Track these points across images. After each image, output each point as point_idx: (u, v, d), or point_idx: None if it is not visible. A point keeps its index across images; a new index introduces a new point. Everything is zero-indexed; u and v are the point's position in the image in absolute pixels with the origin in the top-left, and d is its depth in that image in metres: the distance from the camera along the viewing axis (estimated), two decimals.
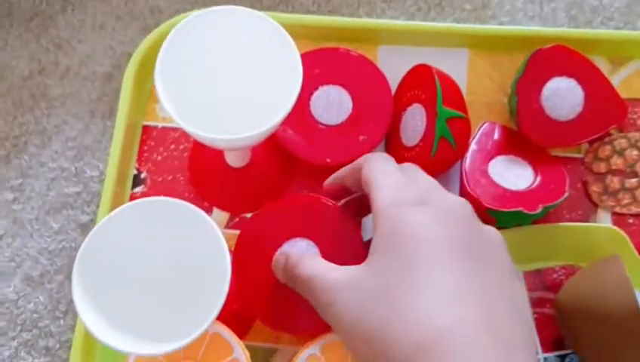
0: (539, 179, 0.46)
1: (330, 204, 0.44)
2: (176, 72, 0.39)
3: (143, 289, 0.40)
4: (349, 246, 0.43)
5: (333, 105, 0.48)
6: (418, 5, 0.54)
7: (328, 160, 0.47)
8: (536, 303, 0.45)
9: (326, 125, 0.48)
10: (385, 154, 0.40)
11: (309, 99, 0.48)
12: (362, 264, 0.35)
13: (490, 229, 0.36)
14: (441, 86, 0.44)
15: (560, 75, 0.47)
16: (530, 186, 0.46)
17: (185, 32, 0.39)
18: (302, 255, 0.39)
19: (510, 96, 0.48)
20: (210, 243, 0.37)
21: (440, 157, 0.44)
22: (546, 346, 0.44)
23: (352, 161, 0.46)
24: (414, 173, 0.38)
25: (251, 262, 0.43)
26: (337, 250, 0.43)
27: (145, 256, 0.40)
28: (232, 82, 0.41)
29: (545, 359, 0.44)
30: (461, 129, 0.45)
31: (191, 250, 0.39)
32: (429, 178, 0.38)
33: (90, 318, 0.35)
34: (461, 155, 0.46)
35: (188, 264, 0.40)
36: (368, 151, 0.47)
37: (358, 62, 0.49)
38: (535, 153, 0.47)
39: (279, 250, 0.42)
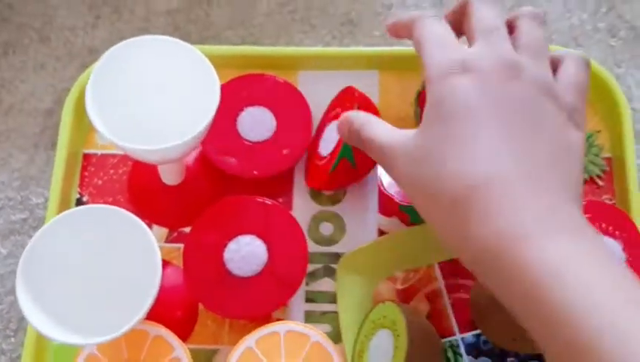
0: None
1: (270, 202, 0.48)
2: (107, 93, 0.42)
3: (82, 290, 0.42)
4: (292, 239, 0.48)
5: (258, 123, 0.52)
6: (333, 34, 0.59)
7: (255, 172, 0.50)
8: (451, 289, 0.49)
9: (252, 142, 0.52)
10: (434, 14, 0.42)
11: (235, 120, 0.52)
12: (416, 130, 0.39)
13: (535, 76, 0.38)
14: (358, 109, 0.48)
15: None
16: None
17: (114, 58, 0.42)
18: (364, 119, 0.43)
19: (414, 107, 0.52)
20: (143, 247, 0.40)
21: (337, 173, 0.48)
22: (463, 327, 0.48)
23: (278, 171, 0.50)
24: (475, 21, 0.40)
25: (201, 258, 0.47)
26: (282, 244, 0.47)
27: (85, 260, 0.42)
28: (159, 103, 0.45)
29: (462, 339, 0.48)
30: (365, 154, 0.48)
31: (127, 254, 0.42)
32: (485, 21, 0.40)
33: (31, 312, 0.38)
34: (363, 174, 0.50)
35: (123, 266, 0.42)
36: (291, 163, 0.51)
37: (279, 85, 0.53)
38: None
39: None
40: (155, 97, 0.45)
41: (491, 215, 0.35)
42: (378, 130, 0.41)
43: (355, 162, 0.48)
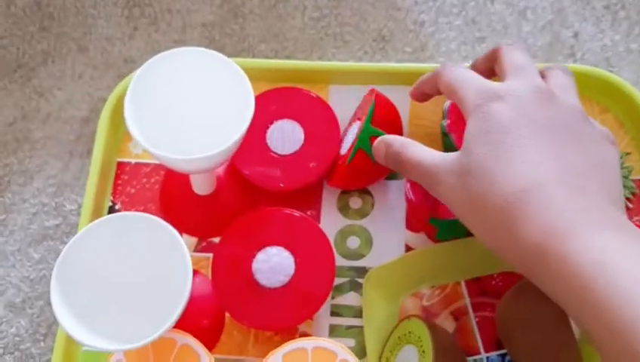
0: None
1: (298, 215, 0.48)
2: (144, 102, 0.42)
3: (113, 296, 0.42)
4: (320, 252, 0.48)
5: (286, 137, 0.52)
6: (364, 50, 0.59)
7: (281, 185, 0.51)
8: (477, 307, 0.48)
9: (280, 155, 0.52)
10: (457, 64, 0.46)
11: (265, 132, 0.52)
12: (459, 151, 0.42)
13: (568, 103, 0.42)
14: (375, 107, 0.49)
15: None
16: None
17: (153, 67, 0.43)
18: (403, 142, 0.45)
19: (442, 121, 0.52)
20: (175, 256, 0.40)
21: (355, 166, 0.49)
22: (488, 346, 0.47)
23: (304, 185, 0.50)
24: (506, 62, 0.44)
25: (229, 268, 0.47)
26: (309, 257, 0.47)
27: (117, 266, 0.42)
28: (194, 114, 0.45)
29: (487, 358, 0.47)
30: None
31: (158, 261, 0.42)
32: (517, 63, 0.44)
33: (64, 316, 0.38)
34: (383, 172, 0.50)
35: (155, 274, 0.42)
36: (318, 177, 0.51)
37: (309, 99, 0.53)
38: None
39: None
40: (191, 108, 0.45)
41: (537, 216, 0.37)
42: (419, 151, 0.44)
43: (373, 154, 0.49)
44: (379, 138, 0.47)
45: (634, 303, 0.32)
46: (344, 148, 0.51)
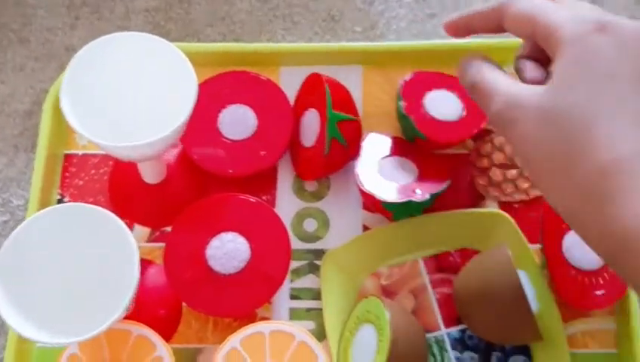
0: (423, 173, 0.49)
1: (252, 200, 0.47)
2: (84, 91, 0.41)
3: (62, 290, 0.41)
4: (275, 235, 0.47)
5: (238, 122, 0.51)
6: (314, 30, 0.58)
7: (230, 171, 0.49)
8: (436, 284, 0.48)
9: (231, 140, 0.51)
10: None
11: (217, 117, 0.51)
12: (546, 86, 0.34)
13: None
14: (331, 92, 0.48)
15: (437, 88, 0.52)
16: (416, 180, 0.49)
17: (90, 55, 0.41)
18: (479, 66, 0.38)
19: (397, 101, 0.51)
20: (122, 247, 0.39)
21: (332, 155, 0.48)
22: (448, 322, 0.47)
23: (257, 170, 0.49)
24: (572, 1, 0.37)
25: (183, 256, 0.46)
26: (264, 241, 0.46)
27: (64, 259, 0.41)
28: (137, 101, 0.44)
29: (447, 333, 0.47)
30: (351, 130, 0.48)
31: (105, 252, 0.40)
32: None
33: (9, 314, 0.37)
34: (353, 154, 0.49)
35: (103, 265, 0.41)
36: (271, 162, 0.50)
37: (262, 83, 0.52)
38: (418, 154, 0.51)
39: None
40: (133, 95, 0.44)
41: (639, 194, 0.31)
42: (496, 77, 0.36)
43: (344, 139, 0.48)
44: (460, 62, 0.39)
45: None
46: (307, 140, 0.50)
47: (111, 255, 0.40)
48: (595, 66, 0.33)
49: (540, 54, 0.37)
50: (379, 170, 0.49)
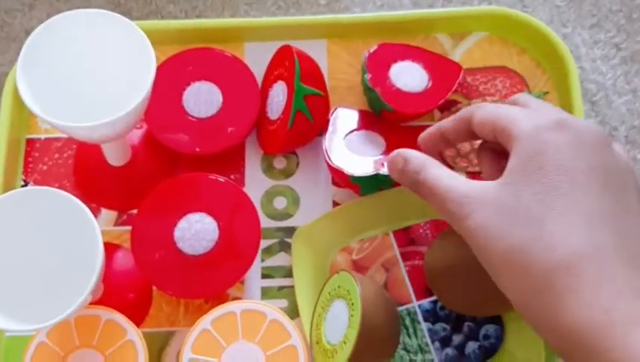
0: (391, 146, 0.49)
1: (220, 179, 0.46)
2: (41, 71, 0.40)
3: (27, 276, 0.40)
4: (243, 214, 0.46)
5: (203, 99, 0.50)
6: (278, 4, 0.57)
7: (197, 149, 0.49)
8: (407, 257, 0.48)
9: (197, 118, 0.49)
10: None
11: (181, 95, 0.50)
12: (498, 181, 0.35)
13: (622, 155, 0.36)
14: (300, 65, 0.47)
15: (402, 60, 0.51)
16: (384, 153, 0.48)
17: (46, 33, 0.40)
18: (423, 160, 0.39)
19: (362, 74, 0.50)
20: (85, 231, 0.38)
21: (297, 129, 0.47)
22: (419, 294, 0.47)
23: (224, 148, 0.49)
24: (538, 104, 0.38)
25: (150, 239, 0.45)
26: (233, 220, 0.45)
27: (27, 245, 0.40)
28: (96, 80, 0.42)
29: (419, 306, 0.47)
30: (318, 105, 0.47)
31: (68, 237, 0.40)
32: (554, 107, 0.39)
33: None
34: (318, 129, 0.48)
35: (67, 250, 0.40)
36: (238, 140, 0.49)
37: (227, 60, 0.51)
38: (386, 127, 0.50)
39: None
40: (92, 75, 0.42)
41: (589, 294, 0.31)
42: (443, 176, 0.37)
43: (310, 113, 0.47)
44: (396, 151, 0.40)
45: None
46: (273, 113, 0.49)
47: (75, 239, 0.39)
48: (549, 163, 0.34)
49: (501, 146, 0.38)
50: (346, 144, 0.49)
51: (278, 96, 0.49)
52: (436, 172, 0.38)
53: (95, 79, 0.42)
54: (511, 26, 0.53)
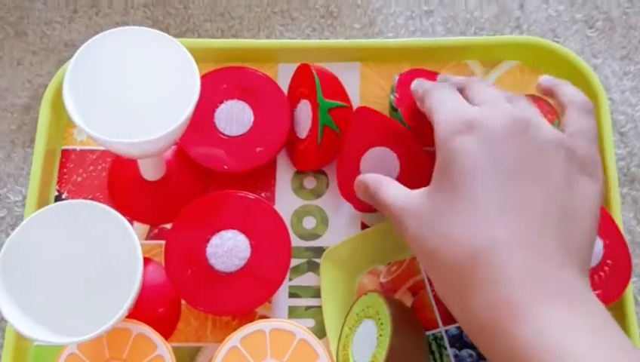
0: (404, 169, 0.48)
1: (252, 197, 0.46)
2: (85, 86, 0.40)
3: (63, 289, 0.40)
4: (275, 233, 0.45)
5: (235, 118, 0.50)
6: (313, 27, 0.57)
7: (225, 166, 0.48)
8: None
9: (228, 136, 0.49)
10: (446, 84, 0.42)
11: (213, 112, 0.50)
12: (424, 190, 0.38)
13: (544, 133, 0.37)
14: (320, 80, 0.47)
15: None
16: (397, 177, 0.47)
17: (93, 49, 0.40)
18: (378, 181, 0.42)
19: (390, 97, 0.50)
20: (125, 244, 0.38)
21: (326, 143, 0.47)
22: (446, 319, 0.46)
23: (252, 167, 0.48)
24: (477, 91, 0.40)
25: (183, 254, 0.45)
26: (265, 239, 0.45)
27: (65, 257, 0.40)
28: (138, 96, 0.42)
29: (446, 331, 0.46)
30: (344, 117, 0.48)
31: (107, 250, 0.39)
32: (488, 94, 0.40)
33: (10, 312, 0.36)
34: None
35: (105, 263, 0.40)
36: (267, 159, 0.49)
37: (260, 79, 0.51)
38: (405, 148, 0.48)
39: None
40: (135, 90, 0.42)
41: (487, 286, 0.34)
42: (391, 192, 0.40)
43: (337, 126, 0.47)
44: (358, 177, 0.44)
45: None
46: (301, 132, 0.49)
47: (114, 254, 0.39)
48: (456, 168, 0.36)
49: None
50: (361, 165, 0.48)
51: (303, 115, 0.49)
52: (387, 190, 0.41)
53: (138, 95, 0.42)
54: (542, 55, 0.53)
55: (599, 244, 0.46)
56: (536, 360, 0.32)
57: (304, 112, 0.49)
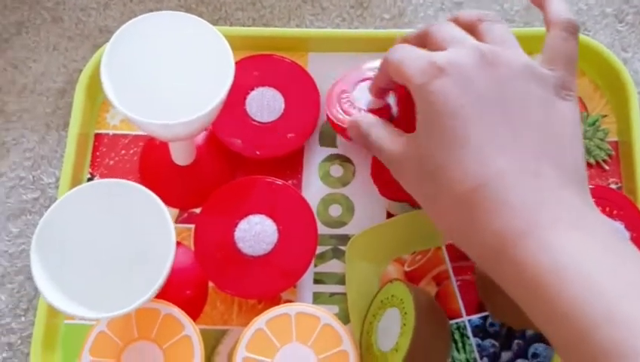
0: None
1: (280, 183, 0.47)
2: (121, 68, 0.40)
3: (95, 266, 0.40)
4: (302, 220, 0.46)
5: (266, 104, 0.50)
6: (343, 17, 0.57)
7: (257, 152, 0.49)
8: (458, 271, 0.47)
9: (258, 122, 0.50)
10: (404, 44, 0.42)
11: (245, 99, 0.50)
12: (411, 135, 0.39)
13: (512, 59, 0.38)
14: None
15: None
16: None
17: (131, 32, 0.41)
18: (369, 123, 0.43)
19: None
20: (159, 223, 0.39)
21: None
22: (470, 309, 0.46)
23: (283, 153, 0.49)
24: (438, 35, 0.40)
25: (212, 237, 0.45)
26: (292, 224, 0.46)
27: (99, 235, 0.41)
28: (173, 79, 0.43)
29: (469, 321, 0.46)
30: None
31: (140, 230, 0.40)
32: (450, 34, 0.40)
33: (46, 287, 0.36)
34: None
35: (137, 243, 0.41)
36: (297, 145, 0.50)
37: (291, 67, 0.52)
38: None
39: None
40: (170, 74, 0.43)
41: (490, 217, 0.35)
42: (382, 135, 0.41)
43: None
44: (351, 118, 0.45)
45: (587, 310, 0.31)
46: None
47: (146, 234, 0.39)
48: (437, 111, 0.37)
49: None
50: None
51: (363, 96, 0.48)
52: (378, 133, 0.41)
53: (172, 79, 0.43)
54: None
55: (626, 236, 0.46)
56: (539, 281, 0.32)
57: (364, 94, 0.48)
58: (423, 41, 0.42)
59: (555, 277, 0.32)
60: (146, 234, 0.40)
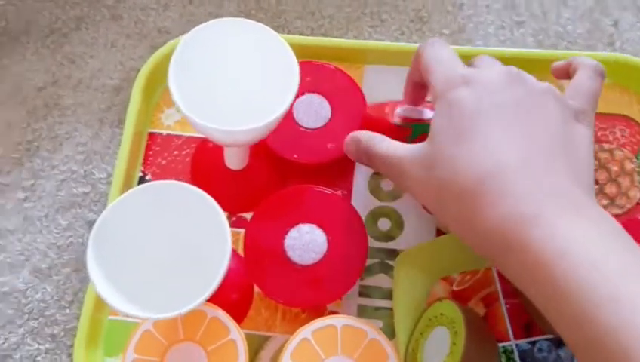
0: None
1: (331, 193, 0.46)
2: (187, 70, 0.40)
3: (150, 265, 0.40)
4: (353, 231, 0.46)
5: (313, 111, 0.50)
6: (402, 30, 0.57)
7: (295, 156, 0.49)
8: (508, 294, 0.46)
9: (304, 128, 0.50)
10: (439, 39, 0.43)
11: (293, 103, 0.50)
12: (424, 143, 0.40)
13: (539, 84, 0.39)
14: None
15: None
16: None
17: (201, 35, 0.41)
18: (370, 136, 0.43)
19: None
20: (214, 226, 0.38)
21: None
22: (518, 333, 0.45)
23: (320, 161, 0.48)
24: (473, 60, 0.42)
25: (262, 244, 0.45)
26: (342, 235, 0.45)
27: (155, 236, 0.41)
28: (237, 86, 0.43)
29: (516, 345, 0.45)
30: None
31: (196, 233, 0.40)
32: (484, 59, 0.42)
33: (100, 283, 0.36)
34: None
35: (192, 246, 0.41)
36: (334, 157, 0.49)
37: (342, 77, 0.51)
38: None
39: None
40: (233, 80, 0.43)
41: (498, 203, 0.35)
42: (386, 145, 0.42)
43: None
44: (348, 136, 0.45)
45: (591, 293, 0.31)
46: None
47: (201, 237, 0.39)
48: (454, 114, 0.38)
49: None
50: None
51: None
52: (381, 144, 0.42)
53: (235, 85, 0.43)
54: (633, 74, 0.52)
55: None
56: (543, 264, 0.32)
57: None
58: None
59: (561, 262, 0.32)
60: (200, 237, 0.39)
